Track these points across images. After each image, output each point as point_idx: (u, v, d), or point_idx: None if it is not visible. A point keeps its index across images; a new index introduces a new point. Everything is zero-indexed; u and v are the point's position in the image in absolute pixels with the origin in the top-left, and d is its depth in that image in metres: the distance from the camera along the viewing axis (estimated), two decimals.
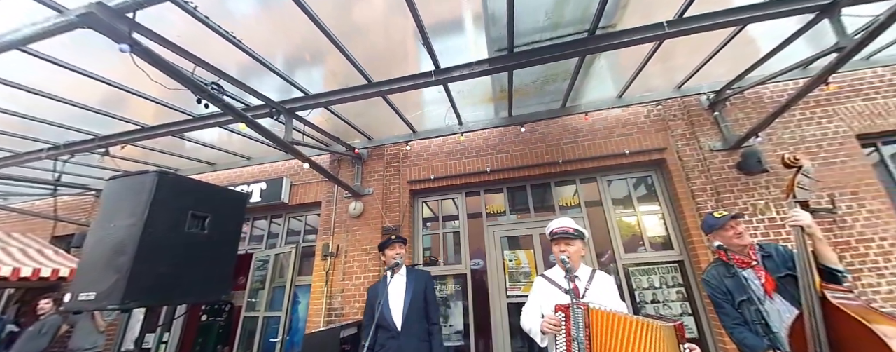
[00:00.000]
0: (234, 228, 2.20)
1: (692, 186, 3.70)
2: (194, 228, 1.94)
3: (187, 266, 1.91)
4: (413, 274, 2.56)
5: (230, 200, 2.17)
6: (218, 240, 2.05)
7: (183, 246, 1.88)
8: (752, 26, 2.88)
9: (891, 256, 3.24)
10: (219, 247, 2.06)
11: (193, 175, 5.22)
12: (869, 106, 3.72)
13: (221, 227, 2.07)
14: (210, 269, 2.01)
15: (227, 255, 2.10)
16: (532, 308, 1.93)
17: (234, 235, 2.19)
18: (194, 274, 1.93)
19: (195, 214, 1.93)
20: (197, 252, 1.95)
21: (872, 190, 3.44)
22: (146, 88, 3.03)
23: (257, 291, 4.68)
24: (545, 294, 1.90)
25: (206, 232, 1.98)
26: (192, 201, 1.92)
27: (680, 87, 3.86)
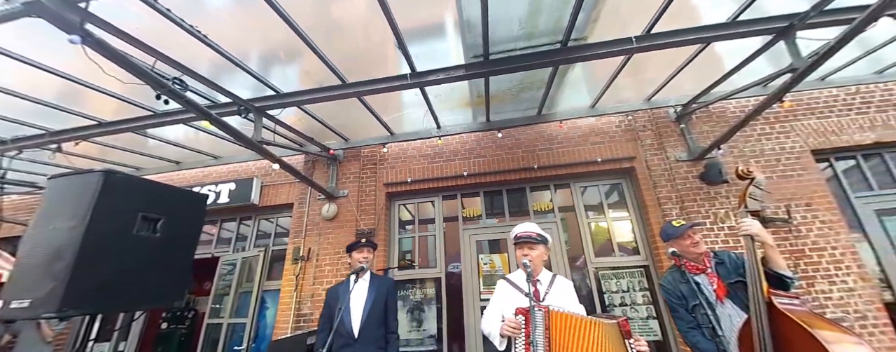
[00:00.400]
0: (192, 230, 2.09)
1: (659, 195, 3.83)
2: (145, 231, 1.82)
3: (136, 272, 1.79)
4: (376, 280, 2.51)
5: (188, 201, 2.06)
6: (172, 243, 1.94)
7: (131, 250, 1.77)
8: (717, 44, 3.02)
9: (841, 264, 3.45)
10: (173, 251, 1.95)
11: (156, 174, 4.99)
12: (823, 123, 3.97)
13: (177, 229, 1.96)
14: (162, 274, 1.90)
15: (182, 259, 1.99)
16: (492, 311, 1.93)
17: (192, 238, 2.09)
18: (144, 280, 1.82)
19: (146, 217, 1.82)
20: (148, 257, 1.84)
21: (825, 202, 3.65)
22: (106, 82, 2.87)
23: (223, 296, 4.49)
24: (506, 297, 1.92)
25: (159, 235, 1.87)
26: (144, 203, 1.81)
27: (649, 99, 4.00)
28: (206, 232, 5.11)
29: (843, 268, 3.43)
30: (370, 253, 2.57)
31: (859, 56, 3.55)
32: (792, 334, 1.50)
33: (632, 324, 3.69)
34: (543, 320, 1.58)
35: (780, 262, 1.74)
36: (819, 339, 1.40)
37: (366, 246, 2.57)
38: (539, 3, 2.39)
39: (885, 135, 3.83)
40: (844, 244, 3.50)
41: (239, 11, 2.47)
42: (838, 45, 2.37)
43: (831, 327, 1.48)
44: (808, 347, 1.43)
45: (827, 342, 1.38)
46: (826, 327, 1.47)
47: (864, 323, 3.25)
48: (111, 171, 1.71)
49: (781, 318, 1.55)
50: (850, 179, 3.96)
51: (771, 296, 1.61)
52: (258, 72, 3.00)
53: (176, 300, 1.93)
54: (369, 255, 2.56)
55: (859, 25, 2.23)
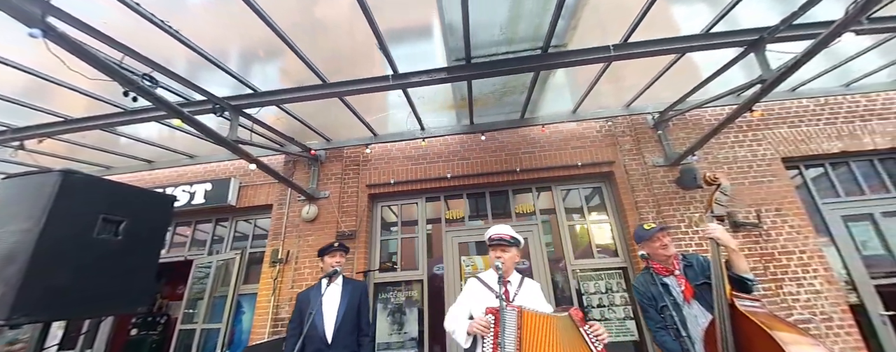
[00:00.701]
0: (158, 233, 2.02)
1: (636, 198, 3.91)
2: (106, 234, 1.75)
3: (96, 276, 1.72)
4: (350, 284, 2.49)
5: (153, 202, 1.99)
6: (136, 247, 1.87)
7: (91, 254, 1.69)
8: (694, 54, 3.11)
9: (809, 267, 3.58)
10: (137, 254, 1.87)
11: (127, 174, 4.82)
12: (793, 132, 4.13)
13: (141, 232, 1.88)
14: (125, 279, 1.83)
15: (146, 263, 1.91)
16: (460, 309, 1.94)
17: (157, 240, 2.01)
18: (104, 285, 1.74)
19: (108, 219, 1.74)
20: (109, 261, 1.77)
21: (794, 208, 3.79)
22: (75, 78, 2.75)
23: (196, 301, 4.35)
24: (477, 297, 1.93)
25: (121, 238, 1.80)
26: (105, 204, 1.73)
27: (628, 106, 4.09)
28: (181, 234, 4.95)
29: (811, 271, 3.56)
30: (343, 257, 2.54)
31: (828, 69, 3.71)
32: (753, 334, 1.55)
33: (610, 325, 3.80)
34: (516, 320, 1.61)
35: (742, 265, 1.80)
36: (777, 340, 1.45)
37: (339, 250, 2.53)
38: (519, 9, 2.41)
39: (851, 144, 4.01)
40: (812, 248, 3.64)
41: (217, 9, 2.41)
42: (805, 58, 2.46)
43: (789, 328, 1.53)
44: (767, 347, 1.48)
45: (784, 343, 1.44)
46: (784, 328, 1.52)
47: (830, 324, 3.37)
48: (70, 171, 1.64)
49: (743, 319, 1.60)
50: (819, 186, 4.12)
51: (733, 298, 1.66)
52: (237, 70, 2.93)
53: (139, 306, 1.85)
54: (342, 259, 2.52)
55: (825, 40, 2.33)
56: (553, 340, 1.58)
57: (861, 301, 3.64)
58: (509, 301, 1.79)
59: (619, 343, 3.73)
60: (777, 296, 3.48)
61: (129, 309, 1.87)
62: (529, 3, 2.36)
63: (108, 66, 2.03)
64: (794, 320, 3.38)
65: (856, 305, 3.61)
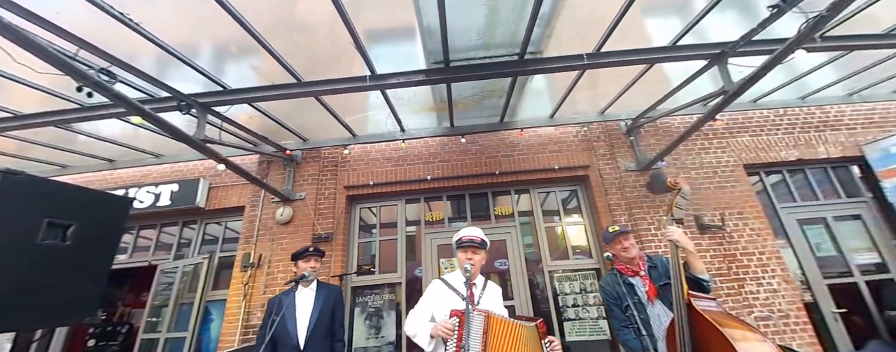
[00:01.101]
0: (111, 238, 1.89)
1: (609, 201, 4.02)
2: (52, 239, 1.63)
3: (40, 284, 1.59)
4: (324, 289, 2.44)
5: (106, 205, 1.87)
6: (86, 253, 1.75)
7: (33, 261, 1.57)
8: (664, 65, 3.23)
9: (768, 267, 3.78)
10: (87, 261, 1.75)
11: (86, 173, 4.54)
12: (755, 141, 4.36)
13: (92, 237, 1.77)
14: (73, 287, 1.71)
15: (97, 270, 1.79)
16: (422, 311, 1.90)
17: (110, 246, 1.89)
18: (50, 294, 1.62)
19: (54, 223, 1.62)
20: (55, 268, 1.64)
21: (754, 211, 4.00)
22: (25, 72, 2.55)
23: (161, 308, 4.13)
24: (441, 299, 1.90)
25: (70, 243, 1.68)
26: (51, 207, 1.61)
27: (603, 112, 4.21)
28: (145, 237, 4.70)
29: (769, 271, 3.76)
30: (317, 262, 2.49)
31: (786, 82, 3.94)
32: (707, 332, 1.63)
33: (584, 324, 3.88)
34: (482, 324, 1.61)
35: (698, 266, 1.88)
36: (726, 336, 1.53)
37: (313, 255, 2.47)
38: (496, 15, 2.43)
39: (806, 153, 4.27)
40: (770, 250, 3.84)
41: (187, 3, 2.30)
42: (762, 71, 2.60)
43: (740, 325, 1.62)
44: (719, 343, 1.56)
45: (734, 340, 1.52)
46: (735, 325, 1.61)
47: (787, 321, 3.57)
48: (9, 170, 1.51)
49: (699, 317, 1.68)
50: (777, 192, 4.37)
51: (690, 297, 1.73)
52: (210, 66, 2.81)
53: (88, 315, 1.73)
54: (317, 264, 2.47)
55: (779, 56, 2.47)
56: (516, 348, 1.59)
57: (815, 299, 3.88)
58: (475, 304, 1.78)
59: (592, 342, 3.81)
60: (739, 294, 3.65)
61: (78, 319, 1.74)
62: (505, 11, 2.39)
63: (58, 59, 1.90)
64: (754, 318, 3.56)
65: (810, 303, 3.85)
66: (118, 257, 4.51)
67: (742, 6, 2.65)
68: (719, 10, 2.56)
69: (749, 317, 3.56)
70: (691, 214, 3.90)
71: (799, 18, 2.24)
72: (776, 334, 3.52)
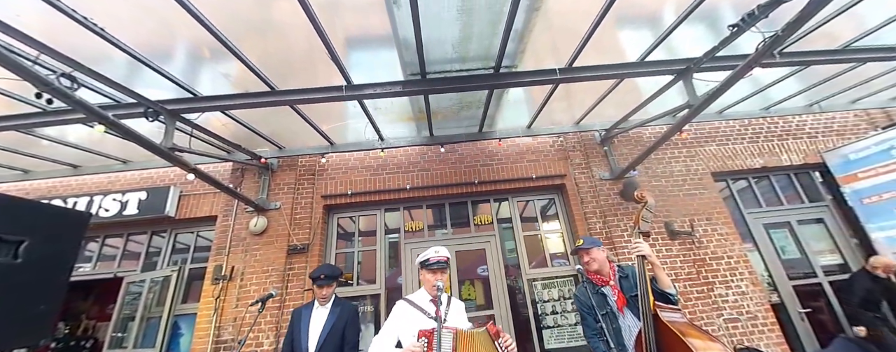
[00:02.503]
0: (67, 254, 1.80)
1: (585, 209, 4.11)
2: (2, 257, 1.54)
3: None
4: (339, 306, 2.57)
5: (62, 219, 1.78)
6: (40, 270, 1.66)
7: None
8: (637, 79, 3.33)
9: (736, 271, 3.92)
10: (40, 279, 1.66)
11: (49, 179, 4.34)
12: (722, 150, 4.55)
13: (46, 253, 1.68)
14: (25, 308, 1.61)
15: (52, 288, 1.70)
16: (387, 336, 1.89)
17: (66, 262, 1.79)
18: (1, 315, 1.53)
19: (3, 239, 1.54)
20: (4, 287, 1.55)
21: (722, 217, 4.16)
22: None
23: (127, 322, 3.94)
24: (407, 318, 1.90)
25: (21, 261, 1.59)
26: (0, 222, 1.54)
27: (578, 123, 4.32)
28: (111, 246, 4.49)
29: (737, 274, 3.91)
30: (330, 289, 2.59)
31: (750, 94, 4.13)
32: (672, 341, 1.68)
33: (563, 330, 3.92)
34: (451, 342, 1.62)
35: (665, 280, 1.94)
36: (689, 345, 1.59)
37: (327, 284, 2.56)
38: (470, 30, 2.48)
39: (770, 161, 4.49)
40: (738, 253, 3.99)
41: (155, 7, 2.23)
42: (724, 87, 2.73)
43: (701, 335, 1.67)
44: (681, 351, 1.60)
45: (695, 348, 1.57)
46: (697, 335, 1.66)
47: (755, 322, 3.70)
48: None
49: (664, 328, 1.73)
50: (743, 198, 4.56)
51: (656, 309, 1.78)
52: (182, 73, 2.74)
53: (42, 338, 1.63)
54: (329, 291, 2.58)
55: (739, 72, 2.59)
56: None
57: (781, 300, 4.06)
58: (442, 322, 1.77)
59: (571, 348, 3.85)
60: (708, 298, 3.77)
61: (31, 343, 1.64)
62: (479, 25, 2.43)
63: (16, 64, 1.82)
64: (723, 320, 3.68)
65: (777, 304, 4.01)
66: (82, 268, 4.31)
67: (709, 21, 2.76)
68: (689, 23, 2.65)
69: (718, 319, 3.68)
70: (661, 222, 4.02)
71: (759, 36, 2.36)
72: (744, 335, 3.64)
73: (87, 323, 5.61)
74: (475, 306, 4.07)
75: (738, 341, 3.62)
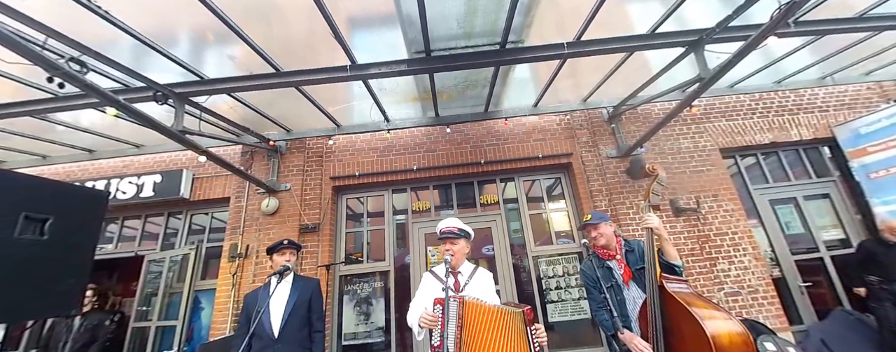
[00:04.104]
0: (90, 231, 1.89)
1: (591, 188, 4.14)
2: (30, 234, 1.63)
3: (22, 278, 1.60)
4: (300, 281, 2.44)
5: (82, 198, 1.85)
6: (66, 246, 1.75)
7: (13, 255, 1.57)
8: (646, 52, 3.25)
9: (739, 246, 3.97)
10: (66, 254, 1.76)
11: (66, 164, 4.46)
12: (731, 125, 4.48)
13: (70, 230, 1.77)
14: (55, 280, 1.72)
15: (78, 263, 1.80)
16: (418, 303, 1.99)
17: (90, 239, 1.88)
18: (32, 287, 1.63)
19: (30, 217, 1.62)
20: (35, 262, 1.65)
21: (729, 194, 4.16)
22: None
23: (150, 298, 4.16)
24: (430, 289, 1.99)
25: (47, 237, 1.68)
26: (25, 201, 1.61)
27: (585, 100, 4.26)
28: (130, 227, 4.67)
29: (741, 250, 3.95)
30: (293, 255, 2.48)
31: (762, 67, 4.03)
32: (677, 311, 1.74)
33: (566, 305, 4.05)
34: (457, 310, 1.67)
35: (672, 253, 1.99)
36: (694, 314, 1.64)
37: (288, 248, 2.47)
38: (475, 2, 2.42)
39: (780, 136, 4.42)
40: (743, 229, 4.03)
41: None
42: (736, 58, 2.67)
43: (707, 305, 1.73)
44: (686, 320, 1.68)
45: (700, 318, 1.63)
46: (702, 305, 1.72)
47: (756, 296, 3.78)
48: None
49: (669, 298, 1.78)
50: (751, 174, 4.54)
51: (663, 280, 1.84)
52: (188, 56, 2.77)
53: (72, 308, 1.76)
54: (292, 257, 2.47)
55: (753, 42, 2.53)
56: (494, 331, 1.62)
57: (783, 274, 4.12)
58: (458, 291, 1.85)
59: (573, 321, 3.99)
60: (711, 273, 3.84)
61: (64, 312, 1.77)
62: None
63: (26, 49, 1.85)
64: (723, 294, 3.77)
65: (778, 278, 4.08)
66: (105, 248, 4.51)
67: None
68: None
69: (719, 293, 3.77)
70: (667, 199, 4.04)
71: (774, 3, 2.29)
72: (744, 307, 3.74)
73: (114, 299, 5.92)
74: None
75: (737, 313, 3.71)
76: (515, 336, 1.64)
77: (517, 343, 1.62)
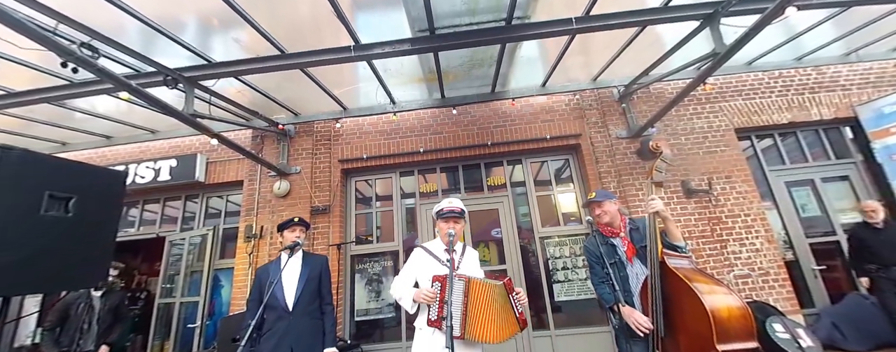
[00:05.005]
0: (111, 209, 2.00)
1: (600, 169, 4.09)
2: (55, 211, 1.73)
3: (48, 253, 1.72)
4: (310, 258, 2.52)
5: (102, 178, 1.95)
6: (89, 223, 1.86)
7: (40, 231, 1.68)
8: (659, 28, 3.14)
9: (752, 229, 3.91)
10: (91, 231, 1.87)
11: (85, 150, 4.62)
12: (747, 104, 4.32)
13: (93, 208, 1.87)
14: (80, 255, 1.83)
15: (101, 239, 1.92)
16: (406, 277, 2.05)
17: (112, 217, 2.00)
18: (60, 261, 1.75)
19: (54, 196, 1.72)
20: (61, 237, 1.76)
21: (743, 175, 4.06)
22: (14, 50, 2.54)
23: (173, 276, 4.38)
24: (423, 265, 2.04)
25: (72, 215, 1.79)
26: (50, 181, 1.70)
27: (595, 79, 4.15)
28: (151, 210, 4.87)
29: (753, 232, 3.90)
30: (302, 232, 2.56)
31: (782, 42, 3.84)
32: (678, 286, 1.75)
33: (573, 285, 4.10)
34: (463, 288, 1.78)
35: (676, 234, 1.99)
36: (694, 289, 1.65)
37: (298, 225, 2.55)
38: None
39: (799, 115, 4.26)
40: (756, 212, 3.95)
41: None
42: (753, 32, 2.55)
43: (707, 280, 1.73)
44: (686, 295, 1.69)
45: (700, 293, 1.64)
46: (703, 280, 1.72)
47: (766, 278, 3.75)
48: (6, 146, 1.58)
49: (670, 274, 1.79)
50: (767, 155, 4.41)
51: (664, 256, 1.85)
52: (196, 40, 2.80)
53: (97, 281, 1.88)
54: (302, 233, 2.54)
55: (770, 14, 2.40)
56: (492, 305, 1.79)
57: (796, 257, 4.06)
58: (456, 269, 1.90)
59: (580, 301, 4.05)
60: (721, 255, 3.81)
61: (91, 284, 1.90)
62: None
63: (38, 34, 1.91)
64: (733, 275, 3.75)
65: (791, 261, 4.02)
66: (127, 230, 4.73)
67: None
68: None
69: (729, 275, 3.75)
70: (677, 179, 3.98)
71: None
72: (754, 289, 3.72)
73: (140, 278, 6.29)
74: (490, 267, 4.27)
75: (747, 295, 3.70)
76: (504, 302, 1.85)
77: (505, 310, 1.84)
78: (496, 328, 1.75)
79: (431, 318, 1.80)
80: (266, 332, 2.24)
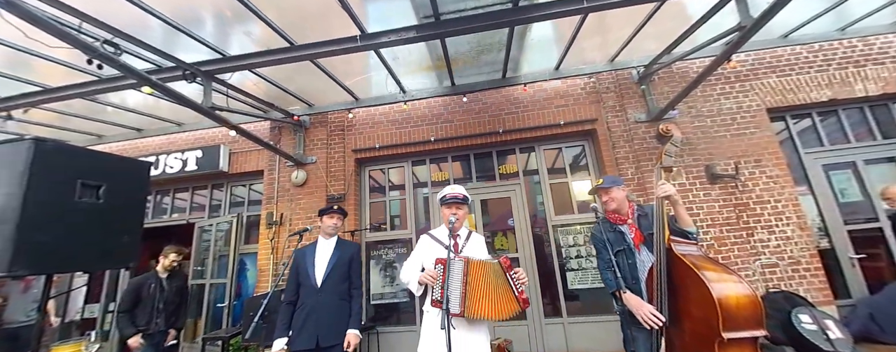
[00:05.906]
0: (138, 197, 2.16)
1: (617, 155, 3.94)
2: (87, 198, 1.88)
3: (83, 235, 1.88)
4: (343, 243, 2.69)
5: (129, 168, 2.11)
6: (119, 209, 2.02)
7: (75, 215, 1.84)
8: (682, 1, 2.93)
9: (782, 215, 3.69)
10: (121, 216, 2.03)
11: (117, 142, 4.96)
12: (782, 82, 4.00)
13: (121, 195, 2.03)
14: (111, 239, 2.00)
15: (131, 223, 2.08)
16: (413, 262, 2.14)
17: (138, 203, 2.16)
18: (93, 243, 1.92)
19: (86, 183, 1.87)
20: (94, 222, 1.92)
21: (774, 158, 3.81)
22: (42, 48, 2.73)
23: (203, 260, 4.70)
24: (428, 250, 2.11)
25: (103, 201, 1.94)
26: (81, 170, 1.86)
27: (613, 60, 3.95)
28: (180, 198, 5.20)
29: (784, 219, 3.68)
30: (340, 220, 2.71)
31: (823, 11, 3.49)
32: (684, 273, 1.69)
33: (586, 273, 4.04)
34: (462, 267, 1.85)
35: (685, 219, 1.91)
36: (701, 276, 1.59)
37: (337, 213, 2.69)
38: None
39: (841, 92, 3.91)
40: (787, 197, 3.72)
41: None
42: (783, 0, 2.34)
43: (716, 268, 1.66)
44: (693, 282, 1.63)
45: (708, 281, 1.57)
46: (711, 268, 1.65)
47: (797, 267, 3.55)
48: (40, 138, 1.72)
49: (677, 260, 1.73)
50: (803, 136, 4.10)
51: (671, 242, 1.78)
52: (214, 35, 2.90)
53: (128, 263, 2.04)
54: (339, 221, 2.69)
55: None
56: (489, 282, 1.87)
57: (832, 246, 3.80)
58: (458, 253, 1.94)
59: (594, 289, 3.99)
60: (747, 243, 3.63)
61: (122, 265, 2.07)
62: None
63: (63, 33, 2.03)
64: (759, 264, 3.57)
65: (826, 249, 3.77)
66: (162, 217, 5.08)
67: None
68: None
69: (755, 264, 3.57)
70: (700, 164, 3.78)
71: None
72: (782, 279, 3.53)
73: None
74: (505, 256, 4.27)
75: (774, 285, 3.52)
76: (502, 281, 1.91)
77: (504, 288, 1.90)
78: (494, 305, 1.81)
79: (435, 298, 1.87)
80: (298, 308, 2.44)
